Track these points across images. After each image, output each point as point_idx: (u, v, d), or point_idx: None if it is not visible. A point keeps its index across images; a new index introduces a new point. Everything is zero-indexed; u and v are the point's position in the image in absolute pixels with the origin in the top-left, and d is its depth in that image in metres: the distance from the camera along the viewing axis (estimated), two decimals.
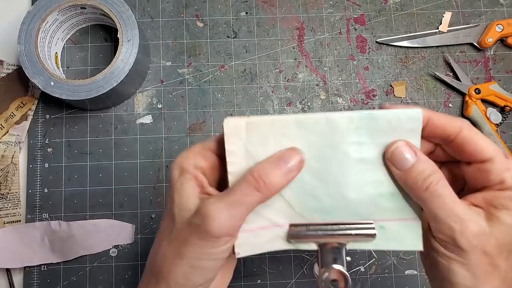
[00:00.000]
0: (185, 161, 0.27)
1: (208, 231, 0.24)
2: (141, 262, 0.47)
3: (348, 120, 0.27)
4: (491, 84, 0.50)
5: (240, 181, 0.26)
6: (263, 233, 0.28)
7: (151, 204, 0.48)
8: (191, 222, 0.26)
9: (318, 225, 0.28)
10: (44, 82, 0.44)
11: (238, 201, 0.25)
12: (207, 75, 0.51)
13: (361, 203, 0.27)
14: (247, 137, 0.27)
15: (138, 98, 0.50)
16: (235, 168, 0.27)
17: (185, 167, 0.27)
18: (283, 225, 0.28)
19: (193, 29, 0.52)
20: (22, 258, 0.45)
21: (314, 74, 0.51)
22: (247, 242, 0.27)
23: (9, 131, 0.48)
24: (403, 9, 0.53)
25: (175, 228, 0.26)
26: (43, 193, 0.47)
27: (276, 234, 0.28)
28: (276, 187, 0.26)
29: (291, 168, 0.26)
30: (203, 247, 0.25)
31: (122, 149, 0.49)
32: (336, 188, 0.27)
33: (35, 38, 0.44)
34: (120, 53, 0.44)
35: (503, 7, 0.54)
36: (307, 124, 0.27)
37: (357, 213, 0.27)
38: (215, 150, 0.28)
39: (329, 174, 0.27)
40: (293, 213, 0.28)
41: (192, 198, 0.26)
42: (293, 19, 0.53)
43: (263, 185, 0.25)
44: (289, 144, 0.27)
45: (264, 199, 0.26)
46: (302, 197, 0.27)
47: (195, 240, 0.25)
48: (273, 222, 0.28)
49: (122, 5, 0.45)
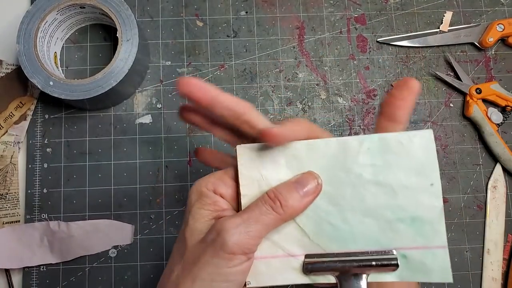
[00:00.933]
0: (204, 186, 0.27)
1: (222, 246, 0.23)
2: (140, 262, 0.46)
3: (358, 141, 0.26)
4: (492, 84, 0.50)
5: (257, 200, 0.25)
6: (276, 263, 0.26)
7: (151, 205, 0.47)
8: (205, 239, 0.25)
9: (335, 255, 0.26)
10: (43, 81, 0.43)
11: (254, 218, 0.24)
12: (207, 75, 0.51)
13: (380, 229, 0.26)
14: (260, 161, 0.27)
15: (138, 98, 0.50)
16: (248, 190, 0.27)
17: (204, 192, 0.26)
18: (298, 256, 0.26)
19: (193, 28, 0.51)
20: (21, 259, 0.45)
21: (314, 74, 0.51)
22: (259, 271, 0.26)
23: (8, 131, 0.48)
24: (404, 9, 0.53)
25: (187, 250, 0.25)
26: (42, 193, 0.47)
27: (290, 264, 0.26)
28: (294, 210, 0.25)
29: (309, 192, 0.26)
30: (217, 265, 0.24)
31: (121, 149, 0.48)
32: (352, 214, 0.26)
33: (34, 37, 0.44)
34: (120, 52, 0.44)
35: (504, 6, 0.54)
36: (318, 147, 0.27)
37: (376, 240, 0.26)
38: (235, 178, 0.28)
39: (344, 198, 0.26)
40: (308, 242, 0.26)
41: (208, 222, 0.26)
42: (293, 18, 0.52)
43: (280, 206, 0.25)
44: (301, 167, 0.27)
45: (280, 221, 0.25)
46: (317, 224, 0.26)
47: (208, 258, 0.24)
48: (287, 251, 0.26)
49: (121, 5, 0.45)
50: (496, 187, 0.49)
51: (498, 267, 0.48)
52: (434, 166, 0.26)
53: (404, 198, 0.26)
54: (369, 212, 0.26)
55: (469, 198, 0.49)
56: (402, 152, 0.26)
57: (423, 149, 0.26)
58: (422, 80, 0.52)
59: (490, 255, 0.48)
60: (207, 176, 0.27)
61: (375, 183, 0.26)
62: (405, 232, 0.26)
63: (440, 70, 0.52)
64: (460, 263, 0.48)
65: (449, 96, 0.51)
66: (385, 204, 0.26)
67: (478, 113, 0.49)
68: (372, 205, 0.26)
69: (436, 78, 0.52)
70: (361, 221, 0.26)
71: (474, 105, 0.50)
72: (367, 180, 0.26)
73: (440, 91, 0.52)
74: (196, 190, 0.27)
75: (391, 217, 0.26)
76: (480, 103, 0.50)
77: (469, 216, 0.49)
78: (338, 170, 0.26)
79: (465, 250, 0.48)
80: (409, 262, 0.26)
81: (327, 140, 0.27)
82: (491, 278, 0.47)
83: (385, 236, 0.26)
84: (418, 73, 0.52)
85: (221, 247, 0.24)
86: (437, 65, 0.52)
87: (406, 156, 0.26)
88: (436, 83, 0.52)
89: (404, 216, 0.26)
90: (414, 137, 0.26)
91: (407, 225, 0.26)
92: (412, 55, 0.52)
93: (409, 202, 0.26)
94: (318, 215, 0.26)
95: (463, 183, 0.50)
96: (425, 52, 0.52)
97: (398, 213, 0.26)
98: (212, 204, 0.26)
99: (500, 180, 0.50)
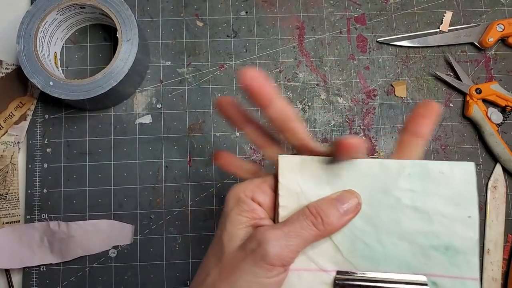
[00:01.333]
0: (243, 193, 0.27)
1: (263, 257, 0.24)
2: (140, 262, 0.46)
3: (400, 166, 0.27)
4: (492, 84, 0.50)
5: (298, 214, 0.26)
6: (308, 276, 0.27)
7: (151, 205, 0.47)
8: (245, 247, 0.25)
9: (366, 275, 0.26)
10: (43, 82, 0.43)
11: (295, 232, 0.25)
12: (207, 75, 0.51)
13: (413, 254, 0.26)
14: (301, 174, 0.27)
15: (138, 98, 0.50)
16: (286, 202, 0.27)
17: (242, 198, 0.27)
18: (330, 271, 0.27)
19: (193, 28, 0.51)
20: (21, 259, 0.45)
21: (314, 74, 0.51)
22: (291, 282, 0.26)
23: (8, 131, 0.48)
24: (404, 9, 0.53)
25: (225, 255, 0.26)
26: (42, 194, 0.47)
27: (322, 279, 0.27)
28: (334, 227, 0.25)
29: (349, 210, 0.26)
30: (256, 275, 0.24)
31: (121, 149, 0.48)
32: (387, 236, 0.26)
33: (34, 37, 0.44)
34: (120, 52, 0.44)
35: (504, 6, 0.54)
36: (361, 166, 0.27)
37: (408, 264, 0.26)
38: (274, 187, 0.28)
39: (381, 220, 0.26)
40: (341, 259, 0.27)
41: (246, 228, 0.26)
42: (293, 18, 0.52)
43: (322, 223, 0.25)
44: (341, 185, 0.27)
45: (319, 236, 0.25)
46: (352, 242, 0.27)
47: (248, 267, 0.24)
48: (320, 266, 0.27)
49: (121, 5, 0.45)
50: (496, 187, 0.49)
51: (498, 267, 0.48)
52: (473, 199, 0.26)
53: (440, 226, 0.26)
54: (404, 236, 0.26)
55: None
56: (442, 181, 0.26)
57: (463, 181, 0.26)
58: (422, 80, 0.52)
59: (490, 255, 0.48)
60: (246, 182, 0.28)
61: (412, 208, 0.26)
62: (438, 259, 0.26)
63: (440, 70, 0.52)
64: None
65: (449, 96, 0.51)
66: (421, 230, 0.26)
67: (478, 113, 0.49)
68: (408, 229, 0.26)
69: (436, 78, 0.52)
70: (395, 244, 0.26)
71: (474, 105, 0.50)
72: (405, 205, 0.26)
73: (440, 91, 0.52)
74: (235, 196, 0.27)
75: (425, 243, 0.26)
76: (480, 103, 0.50)
77: None
78: (377, 191, 0.27)
79: None
80: None
81: (369, 160, 0.27)
82: (491, 278, 0.47)
83: (417, 261, 0.26)
84: (418, 73, 0.52)
85: (261, 257, 0.24)
86: (437, 65, 0.52)
87: (446, 185, 0.26)
88: (436, 83, 0.52)
89: (438, 244, 0.26)
90: (455, 168, 0.26)
91: (441, 253, 0.26)
92: (412, 55, 0.52)
93: (444, 230, 0.26)
94: (353, 234, 0.27)
95: None
96: (425, 52, 0.52)
97: (433, 240, 0.26)
98: (250, 211, 0.26)
99: (500, 180, 0.50)
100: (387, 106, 0.51)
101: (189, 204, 0.48)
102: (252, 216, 0.26)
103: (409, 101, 0.51)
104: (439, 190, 0.26)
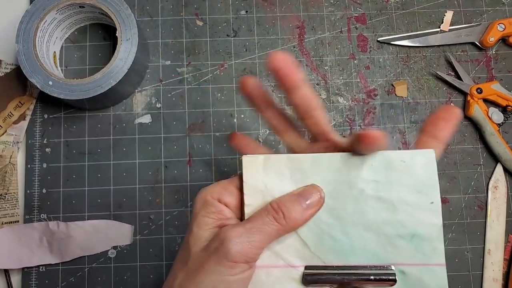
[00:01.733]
0: (209, 195, 0.27)
1: (226, 254, 0.24)
2: (139, 263, 0.46)
3: (362, 157, 0.27)
4: (493, 83, 0.50)
5: (260, 211, 0.26)
6: (276, 273, 0.27)
7: (150, 205, 0.47)
8: (209, 247, 0.25)
9: (335, 268, 0.27)
10: (42, 81, 0.43)
11: (257, 228, 0.25)
12: (206, 74, 0.50)
13: (379, 244, 0.26)
14: (265, 172, 0.27)
15: (137, 97, 0.49)
16: (251, 200, 0.27)
17: (208, 200, 0.27)
18: (298, 267, 0.27)
19: (193, 28, 0.51)
20: (20, 259, 0.45)
21: (314, 73, 0.51)
22: (259, 280, 0.26)
23: (7, 131, 0.47)
24: (405, 8, 0.53)
25: (190, 257, 0.26)
26: (41, 194, 0.47)
27: (290, 275, 0.27)
28: (296, 222, 0.26)
29: (311, 204, 0.26)
30: (220, 273, 0.24)
31: (120, 149, 0.48)
32: (353, 228, 0.27)
33: (33, 37, 0.44)
34: (119, 52, 0.44)
35: (505, 6, 0.54)
36: (323, 160, 0.27)
37: (376, 255, 0.26)
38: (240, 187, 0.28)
39: (346, 212, 0.27)
40: (308, 254, 0.27)
41: (212, 229, 0.26)
42: (294, 17, 0.52)
43: (283, 218, 0.25)
44: (305, 180, 0.27)
45: (282, 232, 0.25)
46: (318, 236, 0.27)
47: (211, 266, 0.24)
48: (288, 261, 0.27)
49: (121, 4, 0.45)
50: (497, 187, 0.49)
51: (499, 268, 0.48)
52: (435, 184, 0.26)
53: (405, 214, 0.26)
54: (370, 227, 0.26)
55: (469, 199, 0.49)
56: (404, 170, 0.27)
57: (424, 168, 0.26)
58: (422, 80, 0.51)
59: (491, 255, 0.48)
60: (213, 185, 0.28)
61: (376, 198, 0.27)
62: (404, 248, 0.26)
63: (440, 70, 0.51)
64: (461, 264, 0.48)
65: (450, 96, 0.51)
66: (386, 219, 0.26)
67: (479, 113, 0.49)
68: (373, 220, 0.26)
69: (437, 78, 0.51)
70: (362, 235, 0.26)
71: (475, 105, 0.49)
72: (369, 196, 0.27)
73: (440, 90, 0.51)
74: (201, 199, 0.27)
75: (391, 232, 0.26)
76: (481, 103, 0.50)
77: (470, 216, 0.49)
78: (341, 184, 0.27)
79: (465, 250, 0.48)
80: (407, 278, 0.26)
81: (332, 154, 0.27)
82: (492, 278, 0.47)
83: (385, 251, 0.26)
84: (419, 72, 0.52)
85: (224, 255, 0.24)
86: (438, 65, 0.52)
87: (408, 174, 0.27)
88: (437, 82, 0.51)
89: (404, 232, 0.26)
90: (416, 156, 0.27)
91: (407, 241, 0.26)
92: (412, 55, 0.52)
93: (409, 219, 0.26)
94: (319, 228, 0.27)
95: (464, 183, 0.49)
96: (426, 52, 0.52)
97: (398, 229, 0.26)
98: (217, 212, 0.26)
99: (501, 180, 0.49)
100: (388, 105, 0.51)
101: (188, 205, 0.48)
102: (219, 217, 0.26)
103: (409, 100, 0.51)
104: (402, 179, 0.27)
